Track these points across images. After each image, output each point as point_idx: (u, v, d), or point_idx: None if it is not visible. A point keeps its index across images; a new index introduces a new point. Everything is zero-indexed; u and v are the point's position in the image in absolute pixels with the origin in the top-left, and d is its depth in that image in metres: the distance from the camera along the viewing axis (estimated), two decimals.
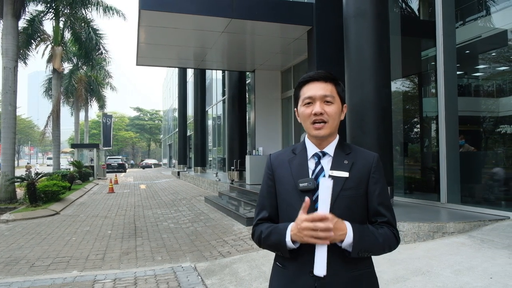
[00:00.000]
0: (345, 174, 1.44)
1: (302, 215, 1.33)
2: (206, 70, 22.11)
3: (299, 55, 11.24)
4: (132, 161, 66.17)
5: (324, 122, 1.45)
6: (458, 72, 6.83)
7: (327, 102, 1.46)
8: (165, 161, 53.30)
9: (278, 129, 13.60)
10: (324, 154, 1.50)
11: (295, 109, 1.56)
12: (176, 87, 32.23)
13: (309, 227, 1.30)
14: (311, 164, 1.50)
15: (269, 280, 1.57)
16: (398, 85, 8.20)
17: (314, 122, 1.46)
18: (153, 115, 70.84)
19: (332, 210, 1.36)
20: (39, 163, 59.65)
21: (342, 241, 1.35)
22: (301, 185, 1.43)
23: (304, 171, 1.48)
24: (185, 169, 26.27)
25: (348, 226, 1.36)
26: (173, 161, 38.05)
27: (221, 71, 19.03)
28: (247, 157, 12.40)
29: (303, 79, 1.51)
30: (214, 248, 6.32)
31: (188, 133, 28.89)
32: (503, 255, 3.94)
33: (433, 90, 7.38)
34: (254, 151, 12.93)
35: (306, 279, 1.41)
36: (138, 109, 72.57)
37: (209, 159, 23.21)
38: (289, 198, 1.48)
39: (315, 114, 1.44)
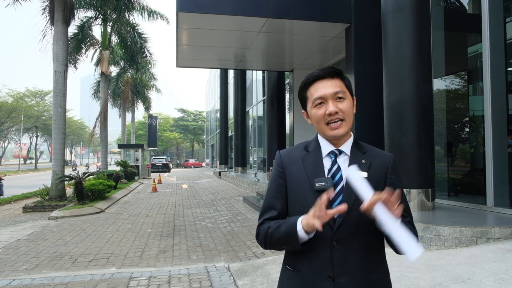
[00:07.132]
0: (364, 174, 1.36)
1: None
2: (247, 71, 22.24)
3: (338, 53, 11.02)
4: (178, 161, 67.89)
5: (341, 120, 1.38)
6: (509, 69, 6.40)
7: (339, 98, 1.38)
8: (208, 161, 54.28)
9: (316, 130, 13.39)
10: (341, 152, 1.42)
11: (303, 111, 1.49)
12: (218, 88, 32.71)
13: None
14: (327, 162, 1.41)
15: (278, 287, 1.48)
16: (441, 83, 7.82)
17: (329, 123, 1.38)
18: (197, 116, 72.02)
19: (350, 212, 1.28)
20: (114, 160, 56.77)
21: None
22: (317, 184, 1.35)
23: (320, 170, 1.40)
24: (226, 169, 26.57)
25: None
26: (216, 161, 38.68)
27: (261, 71, 19.06)
28: None
29: (309, 79, 1.42)
30: (248, 249, 6.31)
31: (230, 134, 29.21)
32: None
33: (480, 88, 6.97)
34: None
35: (324, 284, 1.31)
36: (182, 110, 74.14)
37: (250, 159, 23.32)
38: (303, 198, 1.38)
39: (330, 114, 1.37)
